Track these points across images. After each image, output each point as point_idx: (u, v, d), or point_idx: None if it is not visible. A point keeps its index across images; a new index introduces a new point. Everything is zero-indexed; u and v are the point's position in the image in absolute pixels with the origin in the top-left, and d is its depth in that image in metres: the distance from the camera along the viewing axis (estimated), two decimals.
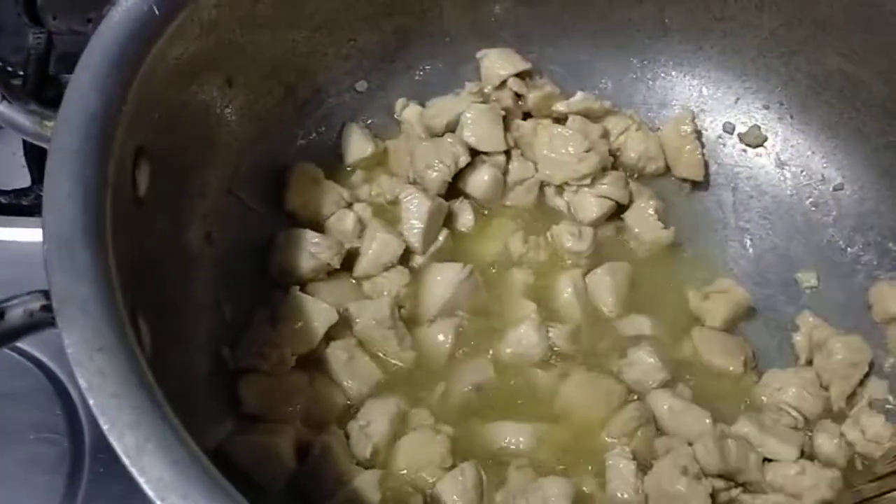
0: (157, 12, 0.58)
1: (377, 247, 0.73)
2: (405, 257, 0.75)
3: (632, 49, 0.86)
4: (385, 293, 0.72)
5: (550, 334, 0.72)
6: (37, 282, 0.47)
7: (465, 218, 0.79)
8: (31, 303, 0.45)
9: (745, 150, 0.86)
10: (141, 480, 0.38)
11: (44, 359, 0.77)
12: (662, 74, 0.87)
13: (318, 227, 0.75)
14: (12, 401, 0.75)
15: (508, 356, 0.72)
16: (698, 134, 0.84)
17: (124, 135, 0.53)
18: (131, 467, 0.39)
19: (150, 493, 0.38)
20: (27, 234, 0.84)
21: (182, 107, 0.62)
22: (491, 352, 0.72)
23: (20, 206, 0.86)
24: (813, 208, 0.83)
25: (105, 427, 0.40)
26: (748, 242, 0.82)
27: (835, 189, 0.82)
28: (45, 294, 0.45)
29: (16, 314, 0.45)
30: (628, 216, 0.80)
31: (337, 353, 0.69)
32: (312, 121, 0.81)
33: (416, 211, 0.75)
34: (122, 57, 0.55)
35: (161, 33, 0.58)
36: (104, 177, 0.50)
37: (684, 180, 0.84)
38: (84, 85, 0.52)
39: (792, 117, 0.84)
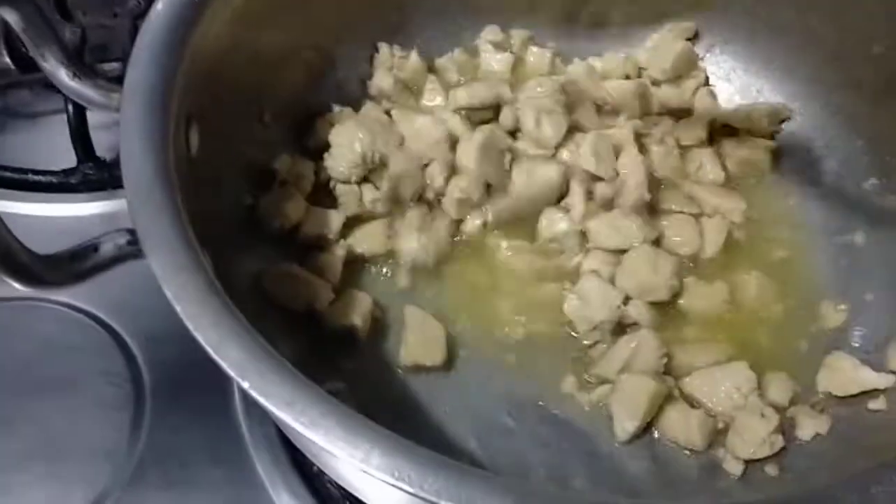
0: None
1: None
2: None
3: None
4: None
5: None
6: None
7: None
8: (118, 238, 0.55)
9: None
10: (224, 365, 0.48)
11: (104, 316, 0.86)
12: None
13: None
14: (79, 352, 0.85)
15: None
16: None
17: (177, 103, 0.62)
18: (215, 355, 0.48)
19: (232, 374, 0.47)
20: (76, 208, 0.94)
21: (222, 81, 0.71)
22: None
23: (69, 184, 0.95)
24: None
25: (191, 327, 0.49)
26: None
27: None
28: (129, 231, 0.55)
29: (108, 248, 0.55)
30: None
31: None
32: (330, 92, 0.89)
33: None
34: (171, 37, 0.63)
35: (201, 17, 0.67)
36: (166, 138, 0.59)
37: None
38: (143, 61, 0.61)
39: None
